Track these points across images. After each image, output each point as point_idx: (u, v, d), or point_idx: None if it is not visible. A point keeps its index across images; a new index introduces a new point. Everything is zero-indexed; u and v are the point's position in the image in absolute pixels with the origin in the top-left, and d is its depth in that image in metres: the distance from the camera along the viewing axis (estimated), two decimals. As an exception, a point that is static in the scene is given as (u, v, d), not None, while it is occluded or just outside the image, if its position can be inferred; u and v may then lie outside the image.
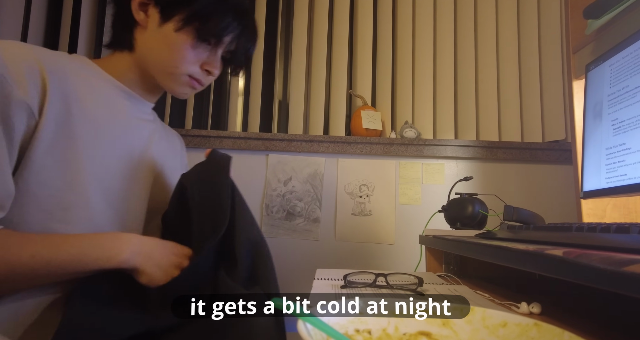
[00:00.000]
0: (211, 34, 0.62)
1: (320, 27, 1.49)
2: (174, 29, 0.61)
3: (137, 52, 0.65)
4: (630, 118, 0.69)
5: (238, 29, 0.65)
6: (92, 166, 0.56)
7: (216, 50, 0.65)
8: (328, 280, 0.65)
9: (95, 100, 0.60)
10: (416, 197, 1.36)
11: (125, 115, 0.65)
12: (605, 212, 0.95)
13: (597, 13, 0.92)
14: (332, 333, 0.25)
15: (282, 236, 1.34)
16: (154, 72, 0.65)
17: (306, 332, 0.23)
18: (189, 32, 0.61)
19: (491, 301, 0.52)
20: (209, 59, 0.65)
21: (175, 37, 0.61)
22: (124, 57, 0.67)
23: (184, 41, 0.61)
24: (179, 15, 0.60)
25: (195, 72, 0.65)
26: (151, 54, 0.64)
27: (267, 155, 1.39)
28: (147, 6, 0.63)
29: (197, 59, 0.64)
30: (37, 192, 0.52)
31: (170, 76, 0.64)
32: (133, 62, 0.66)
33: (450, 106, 1.43)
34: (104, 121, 0.60)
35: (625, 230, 0.40)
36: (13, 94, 0.49)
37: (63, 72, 0.56)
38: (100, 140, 0.59)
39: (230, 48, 0.67)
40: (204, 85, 0.68)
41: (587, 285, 0.31)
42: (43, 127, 0.52)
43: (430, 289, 0.60)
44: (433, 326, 0.31)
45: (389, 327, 0.31)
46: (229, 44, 0.66)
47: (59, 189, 0.53)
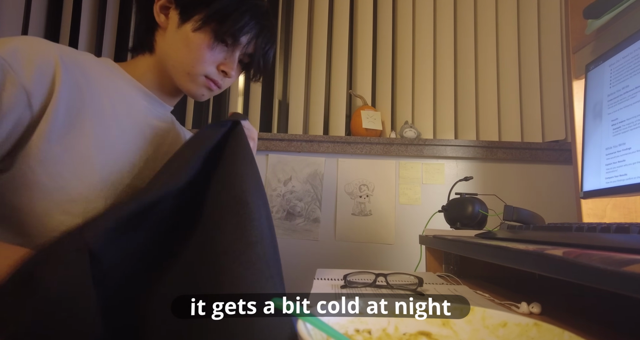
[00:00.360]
0: (228, 33, 0.63)
1: (320, 27, 1.49)
2: (192, 29, 0.62)
3: (157, 54, 0.67)
4: (630, 118, 0.69)
5: (256, 29, 0.65)
6: (101, 159, 0.57)
7: (233, 51, 0.66)
8: (328, 280, 0.65)
9: (112, 96, 0.61)
10: (416, 197, 1.36)
11: (142, 114, 0.66)
12: (605, 212, 0.95)
13: (597, 13, 0.93)
14: (332, 333, 0.25)
15: (282, 236, 1.34)
16: (172, 73, 0.66)
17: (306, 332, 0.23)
18: (207, 32, 0.62)
19: (491, 301, 0.52)
20: (226, 60, 0.66)
21: (193, 36, 0.62)
22: (145, 60, 0.68)
23: (201, 41, 0.62)
24: (197, 16, 0.62)
25: (211, 73, 0.65)
26: (170, 54, 0.65)
27: (267, 155, 1.39)
28: (168, 9, 0.64)
29: (214, 59, 0.64)
30: (47, 183, 0.52)
31: (188, 76, 0.65)
32: (153, 65, 0.67)
33: (450, 106, 1.43)
34: (119, 117, 0.61)
35: (625, 230, 0.40)
36: (9, 77, 0.49)
37: (82, 68, 0.57)
38: (111, 136, 0.59)
39: (248, 50, 0.67)
40: (220, 87, 0.69)
41: (587, 285, 0.31)
42: (52, 118, 0.52)
43: (430, 289, 0.60)
44: (433, 326, 0.31)
45: (389, 327, 0.31)
46: (247, 45, 0.66)
47: (68, 181, 0.53)
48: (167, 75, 0.67)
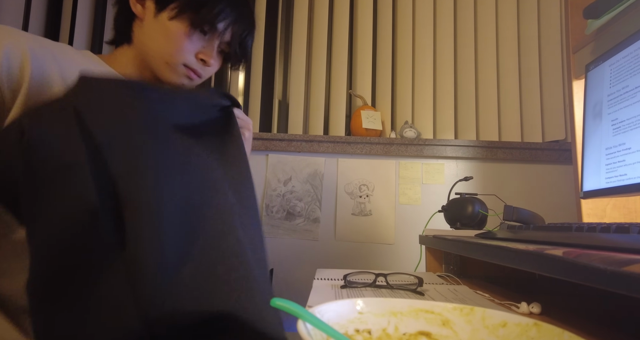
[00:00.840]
0: (205, 21, 0.63)
1: (320, 26, 1.49)
2: (168, 17, 0.62)
3: (136, 45, 0.67)
4: (630, 118, 0.69)
5: (232, 16, 0.65)
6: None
7: (212, 38, 0.66)
8: (328, 280, 0.65)
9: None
10: (416, 197, 1.36)
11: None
12: (605, 212, 0.95)
13: (597, 13, 0.93)
14: (332, 333, 0.25)
15: (282, 236, 1.34)
16: (151, 63, 0.66)
17: (306, 332, 0.23)
18: (183, 21, 0.62)
19: (491, 301, 0.52)
20: (205, 49, 0.66)
21: (170, 25, 0.62)
22: (125, 52, 0.68)
23: (178, 29, 0.62)
24: (173, 4, 0.62)
25: (191, 62, 0.65)
26: (148, 44, 0.65)
27: (267, 155, 1.39)
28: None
29: (192, 48, 0.64)
30: None
31: (167, 66, 0.65)
32: (133, 56, 0.67)
33: (450, 106, 1.43)
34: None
35: (625, 230, 0.40)
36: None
37: (57, 59, 0.56)
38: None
39: (226, 38, 0.67)
40: (201, 76, 0.69)
41: (587, 285, 0.31)
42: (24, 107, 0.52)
43: (430, 289, 0.60)
44: (433, 326, 0.31)
45: (388, 327, 0.31)
46: (224, 33, 0.66)
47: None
48: (147, 66, 0.67)
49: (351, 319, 0.30)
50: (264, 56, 1.48)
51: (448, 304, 0.32)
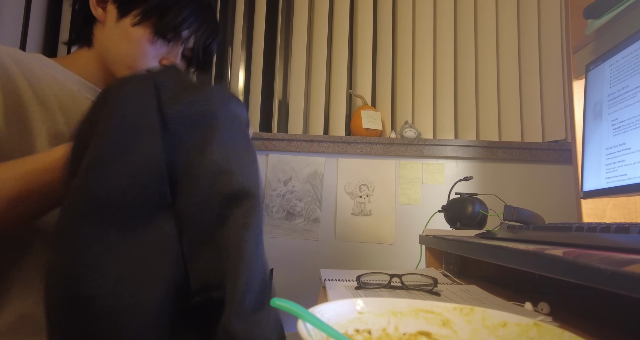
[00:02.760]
0: (169, 28, 0.62)
1: (320, 27, 1.49)
2: (131, 23, 0.60)
3: (96, 48, 0.65)
4: (630, 118, 0.69)
5: (196, 24, 0.64)
6: (46, 142, 0.56)
7: (176, 45, 0.65)
8: (338, 281, 0.64)
9: (53, 88, 0.59)
10: (416, 197, 1.36)
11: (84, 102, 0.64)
12: (605, 212, 0.95)
13: (597, 13, 0.93)
14: (332, 333, 0.25)
15: (282, 236, 1.34)
16: (113, 67, 0.65)
17: (306, 332, 0.23)
18: (147, 27, 0.61)
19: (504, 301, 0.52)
20: (169, 55, 0.65)
21: (133, 31, 0.61)
22: (84, 54, 0.66)
23: (141, 35, 0.61)
24: (136, 10, 0.60)
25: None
26: (110, 48, 0.63)
27: (267, 155, 1.39)
28: (106, 3, 0.63)
29: (155, 53, 0.63)
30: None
31: (130, 71, 0.63)
32: (93, 58, 0.66)
33: (450, 106, 1.43)
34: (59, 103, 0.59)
35: (625, 230, 0.40)
36: None
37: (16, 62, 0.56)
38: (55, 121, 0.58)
39: (189, 45, 0.67)
40: None
41: (587, 285, 0.31)
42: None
43: (444, 289, 0.59)
44: (433, 326, 0.31)
45: (388, 327, 0.31)
46: (188, 40, 0.66)
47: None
48: (109, 69, 0.65)
49: (351, 319, 0.30)
50: (264, 56, 1.48)
51: (448, 304, 0.32)
